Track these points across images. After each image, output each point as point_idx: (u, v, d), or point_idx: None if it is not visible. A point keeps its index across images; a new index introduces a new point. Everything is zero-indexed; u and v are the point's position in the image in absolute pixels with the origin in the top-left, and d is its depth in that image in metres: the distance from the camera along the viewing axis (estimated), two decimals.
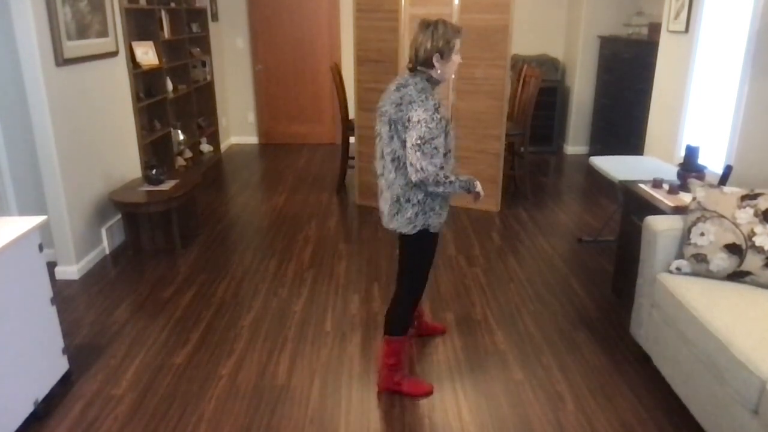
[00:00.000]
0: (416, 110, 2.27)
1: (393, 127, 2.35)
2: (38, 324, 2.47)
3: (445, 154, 2.35)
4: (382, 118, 2.41)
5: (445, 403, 2.55)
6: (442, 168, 2.32)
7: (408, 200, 2.41)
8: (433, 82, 2.40)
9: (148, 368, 2.80)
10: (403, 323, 2.56)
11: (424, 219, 2.43)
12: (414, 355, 2.90)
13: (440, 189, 2.33)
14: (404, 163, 2.36)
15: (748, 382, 1.95)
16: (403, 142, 2.33)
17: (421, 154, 2.26)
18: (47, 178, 3.54)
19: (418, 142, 2.25)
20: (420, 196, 2.40)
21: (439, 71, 2.37)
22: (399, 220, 2.44)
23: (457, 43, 2.37)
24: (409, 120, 2.28)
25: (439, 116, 2.28)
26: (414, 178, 2.30)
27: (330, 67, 5.46)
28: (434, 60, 2.34)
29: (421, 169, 2.27)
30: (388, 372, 2.60)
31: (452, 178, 2.34)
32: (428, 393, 2.63)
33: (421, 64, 2.37)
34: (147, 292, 3.56)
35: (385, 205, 2.50)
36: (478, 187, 2.46)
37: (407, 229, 2.44)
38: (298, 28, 7.11)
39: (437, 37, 2.32)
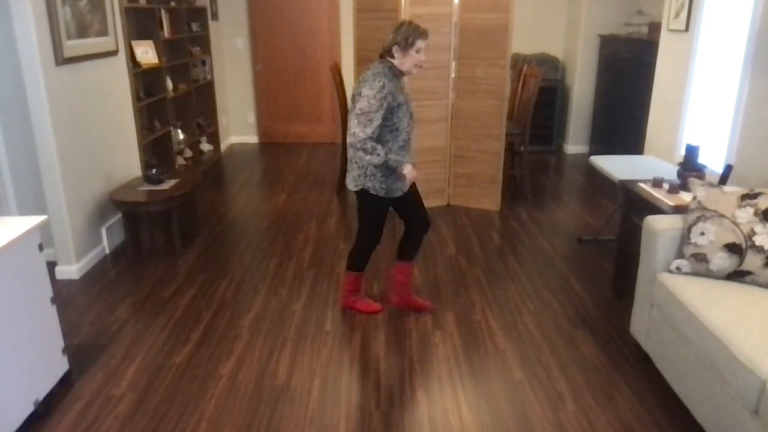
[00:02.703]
0: (365, 88, 2.75)
1: (353, 100, 2.83)
2: (38, 324, 2.47)
3: (393, 130, 2.81)
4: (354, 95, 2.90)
5: (445, 403, 2.55)
6: (372, 139, 2.73)
7: (355, 162, 2.90)
8: (396, 72, 2.85)
9: (148, 368, 2.80)
10: (358, 264, 3.18)
11: (364, 180, 2.89)
12: (414, 354, 2.90)
13: (366, 157, 2.75)
14: None
15: (748, 382, 1.95)
16: None
17: (357, 122, 2.72)
18: (47, 177, 3.54)
19: (358, 112, 2.73)
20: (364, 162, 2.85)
21: (397, 62, 2.83)
22: (348, 178, 2.97)
23: (419, 43, 2.80)
24: (360, 95, 2.76)
25: (381, 95, 2.71)
26: (348, 140, 2.76)
27: (330, 67, 5.46)
28: (393, 50, 2.81)
29: (354, 133, 2.73)
30: (348, 295, 3.28)
31: (380, 152, 2.74)
32: (377, 311, 3.26)
33: (385, 52, 2.85)
34: (147, 291, 3.57)
35: None
36: (406, 169, 2.84)
37: (351, 186, 2.95)
38: (298, 28, 7.11)
39: (399, 33, 2.80)
